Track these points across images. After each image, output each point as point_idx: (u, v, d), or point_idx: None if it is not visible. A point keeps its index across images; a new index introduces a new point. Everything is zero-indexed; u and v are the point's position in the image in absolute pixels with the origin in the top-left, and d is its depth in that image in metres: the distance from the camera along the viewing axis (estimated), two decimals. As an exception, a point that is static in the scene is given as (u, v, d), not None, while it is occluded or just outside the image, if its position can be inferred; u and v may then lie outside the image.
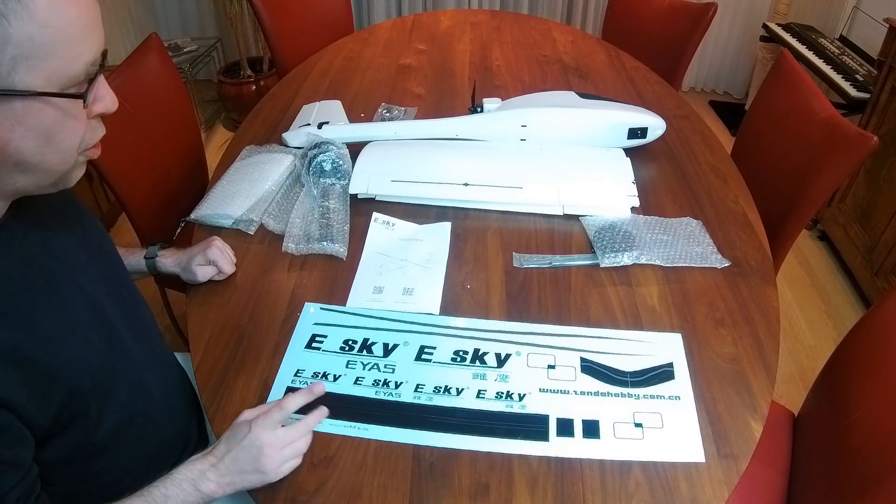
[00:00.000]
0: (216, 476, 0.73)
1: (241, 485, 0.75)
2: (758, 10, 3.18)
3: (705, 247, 1.13)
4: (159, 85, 1.54)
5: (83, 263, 0.75)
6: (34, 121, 0.57)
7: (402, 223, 1.20)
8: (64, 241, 0.74)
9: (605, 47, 2.04)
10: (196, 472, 0.73)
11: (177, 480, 0.72)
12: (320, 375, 0.91)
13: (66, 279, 0.71)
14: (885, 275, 1.95)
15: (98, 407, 0.72)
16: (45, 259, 0.69)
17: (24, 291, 0.65)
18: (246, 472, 0.74)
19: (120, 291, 0.82)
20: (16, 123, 0.56)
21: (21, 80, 0.55)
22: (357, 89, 1.72)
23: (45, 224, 0.70)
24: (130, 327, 0.81)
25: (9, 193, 0.63)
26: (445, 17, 2.30)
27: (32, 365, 0.62)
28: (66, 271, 0.72)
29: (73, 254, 0.74)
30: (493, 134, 1.39)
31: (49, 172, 0.62)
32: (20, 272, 0.65)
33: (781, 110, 1.45)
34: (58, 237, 0.73)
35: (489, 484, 0.77)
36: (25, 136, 0.57)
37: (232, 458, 0.74)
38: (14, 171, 0.60)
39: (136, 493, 0.70)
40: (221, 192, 1.25)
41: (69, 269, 0.72)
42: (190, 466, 0.74)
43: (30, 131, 0.57)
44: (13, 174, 0.60)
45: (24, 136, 0.57)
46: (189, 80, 2.83)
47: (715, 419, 0.85)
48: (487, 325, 0.98)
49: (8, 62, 0.53)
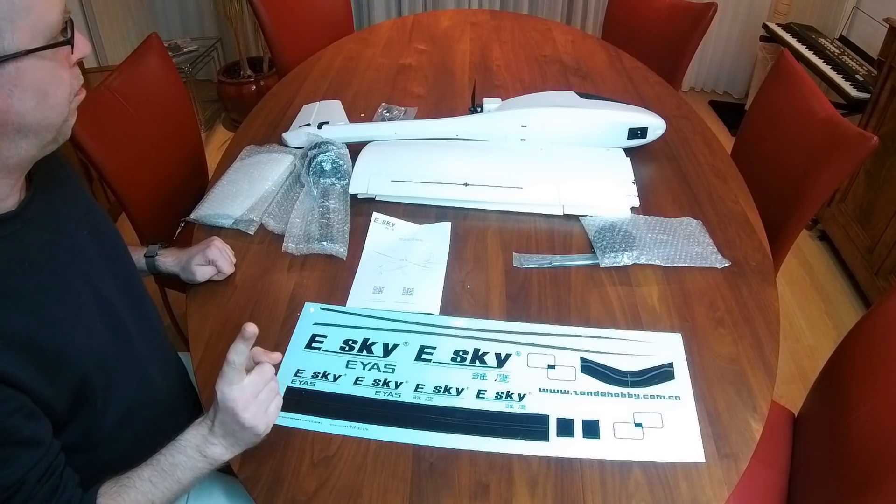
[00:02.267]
0: (218, 439, 0.74)
1: (242, 443, 0.75)
2: (758, 10, 3.18)
3: (705, 247, 1.13)
4: (159, 85, 1.54)
5: (92, 256, 0.77)
6: (29, 80, 0.59)
7: (402, 223, 1.20)
8: (75, 234, 0.75)
9: (605, 47, 2.04)
10: (199, 437, 0.74)
11: (181, 447, 0.73)
12: (320, 375, 0.91)
13: (74, 270, 0.72)
14: (885, 275, 1.95)
15: (104, 396, 0.73)
16: (55, 249, 0.70)
17: (33, 279, 0.66)
18: (236, 431, 0.74)
19: (127, 287, 0.83)
20: (13, 87, 0.58)
21: (10, 43, 0.57)
22: (357, 89, 1.72)
23: (58, 215, 0.71)
24: (136, 322, 0.82)
25: (14, 165, 0.65)
26: (445, 17, 2.30)
27: (42, 350, 0.64)
28: (75, 262, 0.73)
29: (83, 246, 0.76)
30: (493, 134, 1.39)
31: (49, 128, 0.65)
32: (30, 260, 0.66)
33: (781, 110, 1.45)
34: (69, 229, 0.74)
35: (489, 484, 0.78)
36: (24, 98, 0.60)
37: (220, 421, 0.74)
38: (17, 138, 0.62)
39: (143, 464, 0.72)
40: (221, 192, 1.25)
41: (78, 260, 0.74)
42: (192, 432, 0.75)
43: (26, 92, 0.60)
44: (17, 141, 0.62)
45: (22, 99, 0.60)
46: (189, 80, 2.83)
47: (715, 419, 0.85)
48: (487, 325, 0.98)
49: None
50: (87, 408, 0.71)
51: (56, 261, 0.70)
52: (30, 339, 0.63)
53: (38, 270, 0.67)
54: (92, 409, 0.72)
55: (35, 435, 0.63)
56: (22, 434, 0.61)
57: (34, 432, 0.63)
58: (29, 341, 0.63)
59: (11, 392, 0.60)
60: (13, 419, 0.60)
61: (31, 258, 0.66)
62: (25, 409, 0.62)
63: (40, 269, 0.67)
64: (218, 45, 3.28)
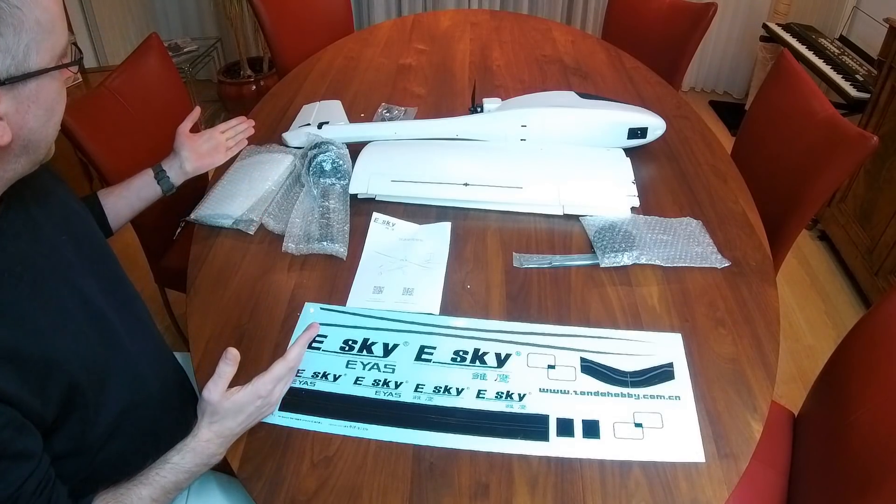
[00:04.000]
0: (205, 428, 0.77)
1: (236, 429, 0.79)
2: (758, 10, 3.18)
3: (705, 247, 1.13)
4: (159, 85, 1.54)
5: (73, 260, 0.77)
6: (44, 97, 0.63)
7: (402, 223, 1.20)
8: (53, 239, 0.75)
9: (605, 47, 2.04)
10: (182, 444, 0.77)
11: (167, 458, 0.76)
12: (320, 375, 0.91)
13: (55, 276, 0.72)
14: (885, 275, 1.95)
15: (95, 400, 0.73)
16: (35, 257, 0.70)
17: (14, 288, 0.66)
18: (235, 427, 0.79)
19: (112, 286, 0.83)
20: (31, 104, 0.62)
21: (34, 61, 0.61)
22: (357, 89, 1.72)
23: (35, 223, 0.72)
24: (125, 322, 0.81)
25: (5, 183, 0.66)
26: (445, 17, 2.30)
27: (27, 360, 0.64)
28: (56, 268, 0.73)
29: (62, 251, 0.76)
30: (493, 134, 1.39)
31: (45, 146, 0.67)
32: (9, 270, 0.66)
33: (781, 110, 1.45)
34: (47, 235, 0.74)
35: (489, 484, 0.78)
36: (37, 115, 0.63)
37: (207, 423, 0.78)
38: (21, 153, 0.64)
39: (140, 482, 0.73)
40: (221, 192, 1.25)
41: (59, 266, 0.73)
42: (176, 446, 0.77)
43: (40, 109, 0.63)
44: (18, 158, 0.64)
45: (36, 116, 0.63)
46: (189, 80, 2.83)
47: (715, 419, 0.85)
48: (487, 325, 0.98)
49: (23, 49, 0.59)
50: (79, 413, 0.71)
51: (36, 269, 0.70)
52: (14, 351, 0.62)
53: (18, 280, 0.67)
54: (83, 413, 0.71)
55: (27, 448, 0.63)
56: (14, 448, 0.61)
57: (26, 445, 0.63)
58: (14, 353, 0.62)
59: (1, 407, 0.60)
60: (4, 433, 0.60)
61: (10, 269, 0.66)
62: (15, 423, 0.61)
63: (21, 279, 0.67)
64: (218, 45, 3.28)
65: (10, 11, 0.57)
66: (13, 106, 0.61)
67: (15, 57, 0.59)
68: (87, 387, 0.71)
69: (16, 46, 0.59)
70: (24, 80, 0.60)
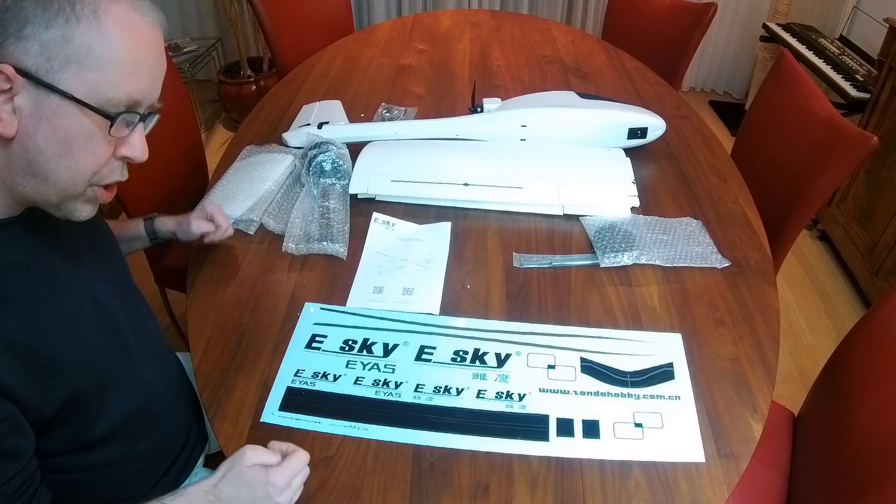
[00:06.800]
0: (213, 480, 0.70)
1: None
2: (758, 10, 3.18)
3: (705, 247, 1.13)
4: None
5: (90, 263, 0.77)
6: (61, 123, 0.59)
7: (402, 223, 1.20)
8: (72, 241, 0.75)
9: (605, 47, 2.04)
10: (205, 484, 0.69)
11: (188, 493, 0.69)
12: (320, 375, 0.91)
13: (71, 277, 0.72)
14: (885, 275, 1.95)
15: (98, 402, 0.72)
16: (53, 257, 0.70)
17: (29, 284, 0.66)
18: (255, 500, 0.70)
19: (123, 291, 0.83)
20: (44, 119, 0.59)
21: (66, 80, 0.58)
22: (357, 89, 1.72)
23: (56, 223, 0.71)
24: (133, 326, 0.81)
25: (18, 197, 0.64)
26: (445, 17, 2.30)
27: (34, 356, 0.63)
28: (73, 268, 0.73)
29: (80, 253, 0.76)
30: (493, 134, 1.39)
31: (55, 187, 0.63)
32: (27, 267, 0.66)
33: (781, 110, 1.45)
34: (67, 236, 0.74)
35: (489, 484, 0.77)
36: (48, 136, 0.59)
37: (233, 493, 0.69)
38: (25, 173, 0.61)
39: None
40: (221, 192, 1.25)
41: (75, 265, 0.73)
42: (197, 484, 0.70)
43: (54, 132, 0.59)
44: (24, 176, 0.61)
45: (46, 136, 0.59)
46: (189, 80, 2.83)
47: (715, 419, 0.85)
48: (487, 325, 0.98)
49: (62, 59, 0.57)
50: (80, 413, 0.70)
51: (53, 266, 0.70)
52: (22, 345, 0.62)
53: (34, 276, 0.67)
54: (84, 413, 0.71)
55: (17, 447, 0.62)
56: (5, 444, 0.60)
57: (17, 444, 0.62)
58: (22, 347, 0.62)
59: (1, 401, 0.60)
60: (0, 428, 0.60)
61: (28, 264, 0.66)
62: (13, 420, 0.61)
63: (37, 275, 0.67)
64: (218, 45, 3.28)
65: (82, 14, 0.56)
66: (29, 108, 0.58)
67: (49, 59, 0.57)
68: (90, 389, 0.70)
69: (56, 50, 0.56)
70: (46, 89, 0.57)
